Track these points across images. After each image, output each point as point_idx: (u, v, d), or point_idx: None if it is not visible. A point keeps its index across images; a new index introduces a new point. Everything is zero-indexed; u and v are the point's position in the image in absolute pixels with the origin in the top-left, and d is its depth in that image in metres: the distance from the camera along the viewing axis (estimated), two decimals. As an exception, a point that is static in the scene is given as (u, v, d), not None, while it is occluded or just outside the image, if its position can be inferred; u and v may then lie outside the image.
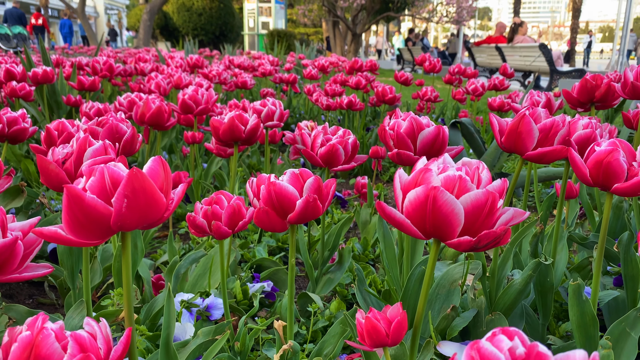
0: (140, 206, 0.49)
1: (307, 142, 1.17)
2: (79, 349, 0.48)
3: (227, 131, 1.30)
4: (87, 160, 0.74)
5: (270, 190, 0.67)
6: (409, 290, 0.91)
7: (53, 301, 1.38)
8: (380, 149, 1.87)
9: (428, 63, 3.39)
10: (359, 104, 2.70)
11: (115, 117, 1.01)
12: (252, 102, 3.90)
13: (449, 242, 0.56)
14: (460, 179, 0.56)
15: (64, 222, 0.50)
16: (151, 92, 2.37)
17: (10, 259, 0.55)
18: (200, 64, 3.33)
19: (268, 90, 3.46)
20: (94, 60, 2.47)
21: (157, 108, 1.44)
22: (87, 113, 1.79)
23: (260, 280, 1.30)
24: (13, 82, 2.14)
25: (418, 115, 2.79)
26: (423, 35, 19.48)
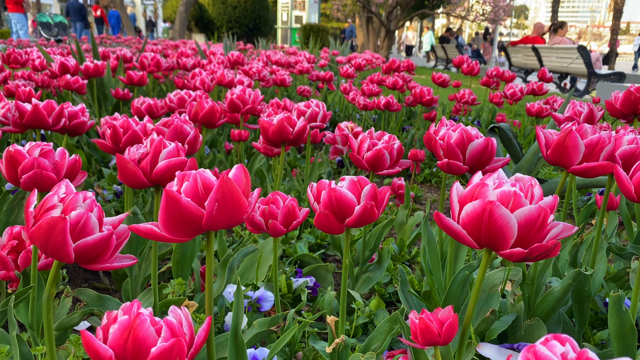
0: (228, 209, 0.56)
1: (354, 145, 1.22)
2: (171, 333, 0.55)
3: (276, 132, 1.36)
4: (162, 161, 0.81)
5: (331, 196, 0.73)
6: (451, 293, 0.95)
7: (107, 286, 1.47)
8: (419, 152, 1.90)
9: (466, 65, 3.39)
10: (396, 105, 2.74)
11: (179, 118, 1.08)
12: (287, 97, 3.96)
13: (502, 252, 0.61)
14: (515, 194, 0.60)
15: (160, 220, 0.56)
16: (196, 88, 2.45)
17: (105, 250, 0.62)
18: (240, 60, 3.41)
19: (305, 87, 3.52)
20: (142, 56, 2.56)
21: (210, 108, 1.51)
22: (139, 108, 1.88)
23: (302, 275, 1.36)
24: (67, 75, 2.25)
25: (454, 118, 2.80)
26: (458, 33, 19.25)
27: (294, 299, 1.29)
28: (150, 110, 1.89)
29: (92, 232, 0.60)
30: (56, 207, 0.60)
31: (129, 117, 1.81)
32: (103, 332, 0.57)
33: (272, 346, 0.76)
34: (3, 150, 2.03)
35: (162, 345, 0.53)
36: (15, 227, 0.97)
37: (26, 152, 0.85)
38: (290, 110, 2.28)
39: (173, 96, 1.89)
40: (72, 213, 0.59)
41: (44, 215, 0.59)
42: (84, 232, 0.60)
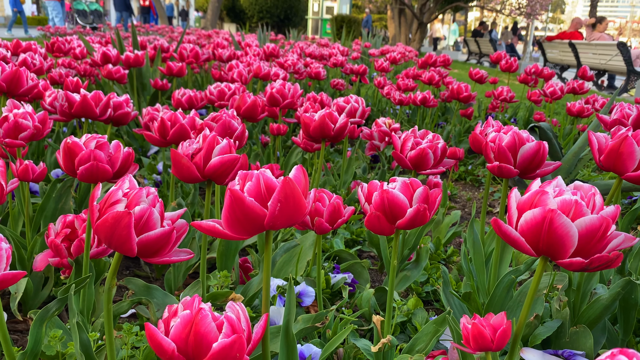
0: (289, 210, 0.56)
1: (397, 144, 1.21)
2: (232, 329, 0.56)
3: (318, 128, 1.36)
4: (215, 157, 0.83)
5: (384, 198, 0.73)
6: (495, 296, 0.95)
7: (148, 274, 1.50)
8: (458, 150, 1.88)
9: (505, 62, 3.33)
10: (433, 101, 2.71)
11: (228, 114, 1.10)
12: (321, 90, 3.96)
13: (561, 261, 0.60)
14: (576, 203, 0.59)
15: (223, 219, 0.57)
16: (233, 80, 2.47)
17: (166, 245, 0.63)
18: (275, 53, 3.42)
19: (338, 81, 3.51)
20: (181, 47, 2.59)
21: (252, 102, 1.52)
22: (180, 100, 1.91)
23: (340, 271, 1.37)
24: (109, 65, 2.30)
25: (490, 115, 2.75)
26: (492, 27, 18.89)
27: (332, 294, 1.30)
28: (190, 102, 1.92)
29: (155, 227, 0.62)
30: (120, 202, 0.62)
31: (169, 108, 1.84)
32: (165, 325, 0.58)
33: (324, 348, 0.77)
34: (47, 139, 2.08)
35: (223, 341, 0.54)
36: (68, 216, 1.00)
37: (83, 144, 0.87)
38: (327, 104, 2.28)
39: (213, 88, 1.91)
40: (136, 208, 0.61)
41: (109, 209, 0.61)
42: (146, 226, 0.61)
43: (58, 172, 1.74)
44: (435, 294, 1.45)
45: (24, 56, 2.10)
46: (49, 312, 0.76)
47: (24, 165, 1.17)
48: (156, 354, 0.56)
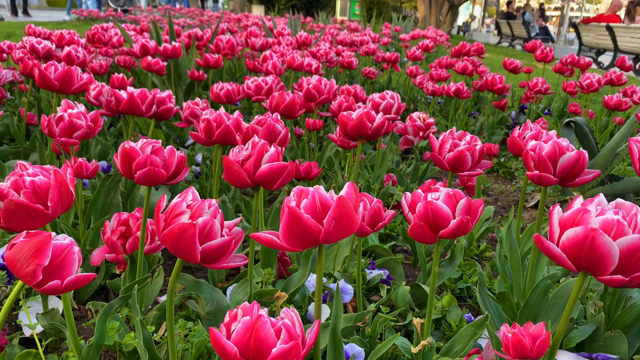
0: (343, 226, 0.60)
1: (435, 145, 1.24)
2: (289, 336, 0.60)
3: (355, 127, 1.39)
4: (264, 164, 0.87)
5: (427, 209, 0.76)
6: (531, 300, 0.98)
7: (190, 265, 1.57)
8: (493, 147, 1.89)
9: (540, 52, 3.28)
10: (466, 92, 2.70)
11: (272, 117, 1.14)
12: (352, 78, 3.95)
13: (601, 278, 0.63)
14: (618, 223, 0.62)
15: (281, 233, 0.62)
16: (268, 72, 2.51)
17: (226, 252, 0.68)
18: (308, 42, 3.44)
19: (370, 69, 3.52)
20: (217, 39, 2.64)
21: (291, 100, 1.56)
22: (218, 94, 1.96)
23: (375, 267, 1.41)
24: (148, 57, 2.36)
25: (524, 106, 2.73)
26: (525, 9, 18.39)
27: (368, 290, 1.34)
28: (228, 96, 1.96)
29: (216, 237, 0.67)
30: (185, 213, 0.66)
31: (208, 102, 1.89)
32: (226, 329, 0.63)
33: (371, 354, 0.81)
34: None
35: (282, 347, 0.59)
36: (123, 214, 1.06)
37: (139, 149, 0.93)
38: (361, 97, 2.30)
39: (250, 83, 1.95)
40: (199, 219, 0.65)
41: (174, 220, 0.66)
42: (209, 236, 0.66)
43: (103, 164, 1.82)
44: (469, 290, 1.48)
45: (69, 49, 2.18)
46: (112, 308, 0.82)
47: (78, 163, 1.24)
48: (219, 356, 0.61)
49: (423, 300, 1.35)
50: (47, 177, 0.75)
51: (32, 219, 0.73)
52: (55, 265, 0.66)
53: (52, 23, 10.64)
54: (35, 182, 0.73)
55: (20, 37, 7.20)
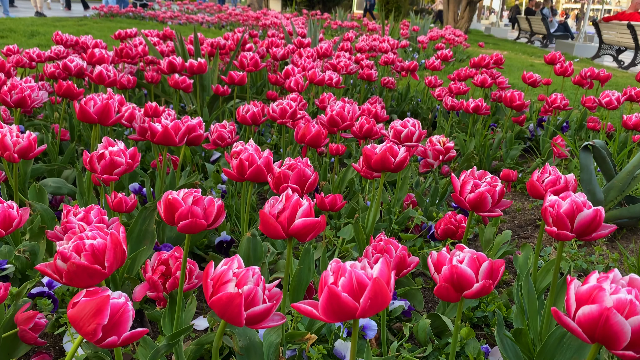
0: (377, 302, 0.67)
1: (456, 185, 1.29)
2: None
3: (379, 162, 1.45)
4: (298, 219, 0.93)
5: (453, 272, 0.82)
6: (548, 344, 1.03)
7: (218, 287, 1.64)
8: (511, 173, 1.93)
9: (559, 66, 3.29)
10: (485, 109, 2.73)
11: (302, 162, 1.20)
12: (370, 85, 3.98)
13: (614, 351, 0.69)
14: (631, 302, 0.67)
15: (320, 307, 0.68)
16: (290, 89, 2.57)
17: (267, 315, 0.75)
18: (329, 52, 3.49)
19: (389, 79, 3.56)
20: (242, 56, 2.70)
21: (317, 132, 1.62)
22: (244, 117, 2.03)
23: (397, 296, 1.47)
24: (176, 75, 2.43)
25: (542, 119, 2.74)
26: (544, 4, 18.16)
27: (389, 320, 1.41)
28: (254, 118, 2.03)
29: (259, 303, 0.73)
30: (231, 281, 0.73)
31: (234, 124, 1.95)
32: None
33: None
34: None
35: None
36: (163, 254, 1.14)
37: (182, 200, 1.00)
38: (381, 116, 2.36)
39: (275, 106, 2.01)
40: (244, 288, 0.72)
41: (222, 288, 0.73)
42: (252, 303, 0.73)
43: (135, 186, 1.90)
44: (486, 319, 1.53)
45: (100, 69, 2.26)
46: (159, 353, 0.90)
47: (119, 199, 1.32)
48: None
49: (442, 329, 1.41)
50: (104, 239, 0.82)
51: (91, 278, 0.80)
52: (113, 323, 0.74)
53: (72, 19, 10.79)
54: (94, 246, 0.80)
55: (44, 36, 7.34)
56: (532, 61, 9.94)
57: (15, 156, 1.36)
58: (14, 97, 1.81)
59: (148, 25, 10.61)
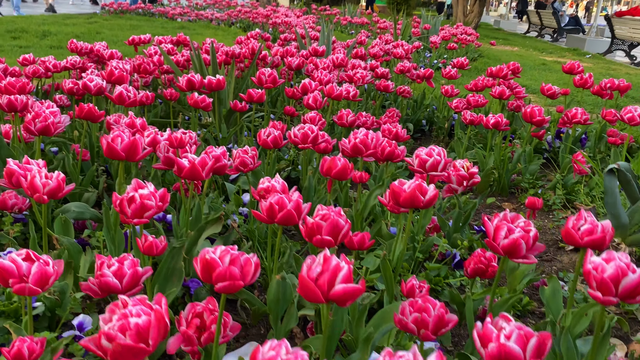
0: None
1: (489, 230, 1.27)
2: None
3: (408, 200, 1.44)
4: (338, 285, 0.92)
5: (501, 350, 0.81)
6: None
7: (244, 320, 1.64)
8: (537, 201, 1.92)
9: (579, 78, 3.25)
10: (505, 124, 2.70)
11: (335, 211, 1.19)
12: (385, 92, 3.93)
13: None
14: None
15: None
16: (309, 106, 2.56)
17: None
18: (344, 63, 3.47)
19: (405, 88, 3.53)
20: (260, 73, 2.68)
21: (343, 166, 1.61)
22: (265, 141, 2.01)
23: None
24: (195, 94, 2.42)
25: (561, 130, 2.70)
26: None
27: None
28: (275, 142, 2.02)
29: (308, 390, 0.73)
30: (280, 369, 0.72)
31: (256, 149, 1.93)
32: None
33: None
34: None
35: None
36: (197, 306, 1.13)
37: (219, 259, 0.99)
38: (402, 136, 2.34)
39: (297, 131, 2.00)
40: (294, 376, 0.71)
41: (271, 374, 0.72)
42: (302, 390, 0.72)
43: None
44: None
45: (120, 90, 2.25)
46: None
47: (149, 243, 1.31)
48: None
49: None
50: (148, 315, 0.82)
51: (135, 356, 0.80)
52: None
53: (82, 17, 10.79)
54: (139, 325, 0.80)
55: (55, 36, 7.34)
56: (543, 58, 9.85)
57: (45, 198, 1.35)
58: (38, 126, 1.81)
59: (158, 22, 10.60)
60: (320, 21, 9.43)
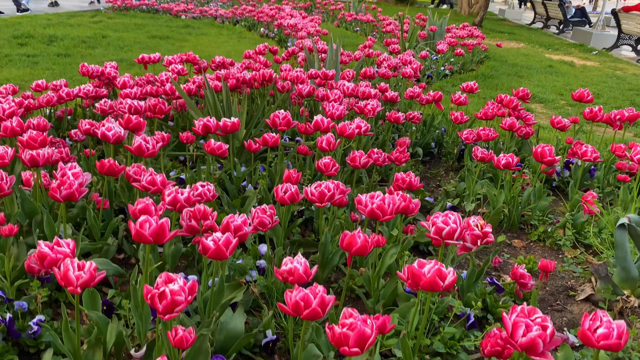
0: None
1: (507, 326, 1.32)
2: None
3: (427, 284, 1.48)
4: None
5: None
6: None
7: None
8: (549, 264, 1.96)
9: (589, 111, 3.26)
10: (515, 162, 2.73)
11: (361, 319, 1.24)
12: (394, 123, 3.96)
13: None
14: None
15: None
16: (322, 149, 2.59)
17: None
18: (355, 92, 3.49)
19: (414, 114, 3.56)
20: (274, 115, 2.72)
21: (363, 242, 1.66)
22: (283, 198, 2.06)
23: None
24: (212, 141, 2.46)
25: (570, 161, 2.73)
26: (562, -12, 17.76)
27: None
28: (292, 199, 2.07)
29: None
30: None
31: (274, 207, 1.97)
32: None
33: None
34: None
35: None
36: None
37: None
38: (415, 184, 2.38)
39: (314, 189, 2.04)
40: None
41: None
42: None
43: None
44: None
45: (139, 141, 2.29)
46: None
47: (180, 337, 1.37)
48: None
49: None
50: None
51: None
52: None
53: (86, 15, 10.76)
54: None
55: (62, 41, 7.33)
56: (550, 58, 9.81)
57: (78, 290, 1.40)
58: (64, 193, 1.85)
59: (162, 19, 10.55)
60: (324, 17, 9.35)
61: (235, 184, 2.78)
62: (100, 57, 6.42)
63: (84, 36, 7.71)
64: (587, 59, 10.58)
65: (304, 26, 7.76)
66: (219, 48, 7.69)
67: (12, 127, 2.42)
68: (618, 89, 7.00)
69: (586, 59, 10.55)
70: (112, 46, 7.16)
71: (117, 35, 8.18)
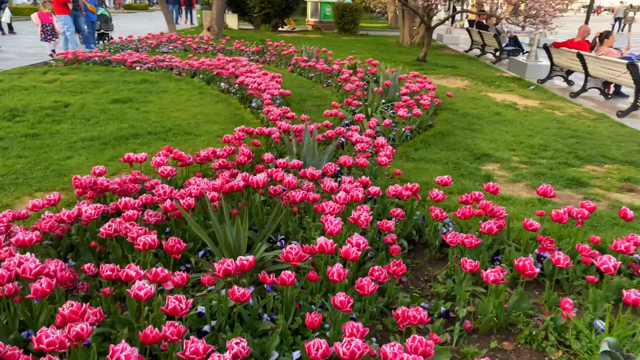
0: None
1: None
2: None
3: None
4: None
5: None
6: None
7: None
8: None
9: (555, 214, 3.68)
10: (502, 274, 3.06)
11: None
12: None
13: None
14: None
15: None
16: (334, 281, 2.83)
17: None
18: (346, 201, 3.77)
19: (399, 212, 3.86)
20: (287, 251, 2.95)
21: None
22: (317, 357, 2.29)
23: None
24: (235, 288, 2.65)
25: (542, 255, 3.05)
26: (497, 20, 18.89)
27: None
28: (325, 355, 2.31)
29: None
30: None
31: None
32: None
33: None
34: None
35: None
36: None
37: None
38: (424, 320, 2.67)
39: (345, 349, 2.29)
40: None
41: None
42: None
43: None
44: None
45: (174, 304, 2.46)
46: None
47: None
48: None
49: None
50: None
51: None
52: None
53: (37, 71, 10.46)
54: None
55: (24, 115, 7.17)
56: (495, 100, 10.45)
57: None
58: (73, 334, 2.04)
59: (117, 72, 10.44)
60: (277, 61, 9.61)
61: (252, 314, 2.97)
62: (69, 135, 6.38)
63: (45, 106, 7.61)
64: (527, 97, 11.33)
65: (267, 86, 7.99)
66: (185, 112, 7.78)
67: (42, 289, 2.54)
68: (560, 137, 7.59)
69: (526, 97, 11.29)
70: (78, 119, 7.13)
71: (78, 101, 8.09)
